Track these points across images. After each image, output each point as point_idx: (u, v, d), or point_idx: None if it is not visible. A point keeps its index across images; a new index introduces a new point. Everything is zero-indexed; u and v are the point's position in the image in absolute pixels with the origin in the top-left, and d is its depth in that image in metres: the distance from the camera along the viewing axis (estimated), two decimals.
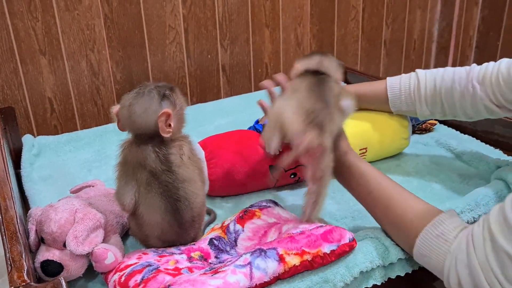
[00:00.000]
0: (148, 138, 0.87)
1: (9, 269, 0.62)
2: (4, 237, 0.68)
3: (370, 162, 1.19)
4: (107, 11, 1.70)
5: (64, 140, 1.45)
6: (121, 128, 0.91)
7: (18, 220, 0.73)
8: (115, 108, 0.90)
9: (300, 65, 0.97)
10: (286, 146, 1.09)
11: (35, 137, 1.45)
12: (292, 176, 1.15)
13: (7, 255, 0.65)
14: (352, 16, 2.25)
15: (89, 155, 1.39)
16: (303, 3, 2.09)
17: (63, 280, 0.62)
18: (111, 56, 1.76)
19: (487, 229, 0.70)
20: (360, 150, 1.17)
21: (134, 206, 0.87)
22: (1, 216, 0.72)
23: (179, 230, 0.90)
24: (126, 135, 0.93)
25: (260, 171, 1.12)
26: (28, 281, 0.62)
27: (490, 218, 0.71)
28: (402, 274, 0.89)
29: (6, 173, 0.80)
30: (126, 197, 0.86)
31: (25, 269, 0.63)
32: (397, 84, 1.16)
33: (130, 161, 0.88)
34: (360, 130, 1.18)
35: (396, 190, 0.89)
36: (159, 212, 0.86)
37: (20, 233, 0.70)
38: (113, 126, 1.53)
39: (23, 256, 0.66)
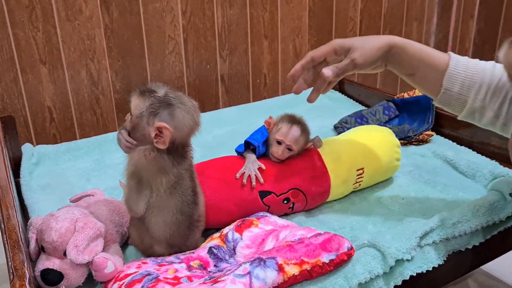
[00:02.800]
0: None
1: (11, 277, 0.62)
2: (7, 246, 0.69)
3: (366, 186, 1.19)
4: (108, 21, 1.72)
5: (63, 149, 1.46)
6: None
7: (20, 229, 0.74)
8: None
9: None
10: (269, 163, 1.07)
11: (34, 146, 1.46)
12: (285, 201, 1.07)
13: (9, 263, 0.66)
14: (349, 28, 2.28)
15: (88, 164, 1.39)
16: (301, 15, 2.12)
17: None
18: (111, 66, 1.77)
19: None
20: (357, 170, 1.14)
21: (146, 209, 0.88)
22: (4, 225, 0.72)
23: (187, 232, 0.92)
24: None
25: (248, 198, 1.04)
26: None
27: None
28: (407, 278, 0.90)
29: (8, 182, 0.81)
30: (140, 202, 0.87)
31: (27, 278, 0.64)
32: (464, 62, 1.01)
33: (147, 168, 0.87)
34: (357, 151, 1.16)
35: None
36: (173, 211, 0.88)
37: (22, 242, 0.71)
38: (112, 135, 1.55)
39: (25, 265, 0.67)
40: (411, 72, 1.04)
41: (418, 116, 1.51)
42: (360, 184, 1.16)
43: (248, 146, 1.10)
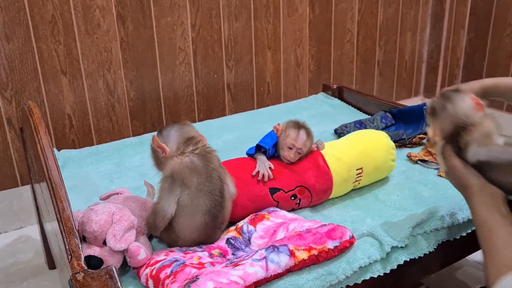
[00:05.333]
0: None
1: (70, 258, 0.74)
2: (63, 233, 0.81)
3: (366, 184, 1.31)
4: (123, 34, 1.84)
5: (86, 153, 1.58)
6: None
7: (73, 218, 0.86)
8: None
9: None
10: (277, 163, 1.21)
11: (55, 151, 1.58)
12: (293, 198, 1.20)
13: (67, 247, 0.78)
14: (347, 39, 2.42)
15: (109, 167, 1.51)
16: (302, 27, 2.25)
17: (114, 267, 0.75)
18: (126, 76, 1.90)
19: None
20: (357, 170, 1.26)
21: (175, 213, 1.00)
22: (59, 215, 0.84)
23: (211, 232, 1.04)
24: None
25: (260, 194, 1.16)
26: (85, 268, 0.74)
27: None
28: (401, 262, 1.02)
29: (61, 179, 0.92)
30: (170, 205, 0.99)
31: (82, 258, 0.76)
32: None
33: (181, 171, 1.00)
34: (356, 151, 1.29)
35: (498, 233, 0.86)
36: (202, 213, 1.00)
37: (76, 229, 0.83)
38: (129, 140, 1.67)
39: (79, 248, 0.79)
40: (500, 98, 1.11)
41: (412, 124, 1.64)
42: (359, 183, 1.29)
43: (259, 149, 1.23)
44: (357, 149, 1.29)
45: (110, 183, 1.42)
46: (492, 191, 0.90)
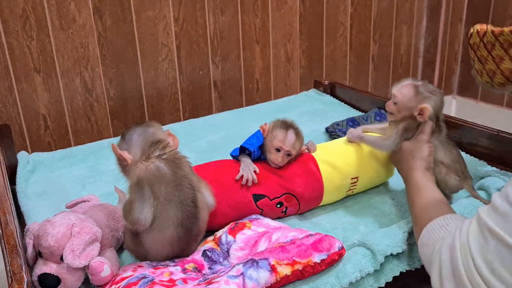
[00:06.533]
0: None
1: (10, 281, 0.64)
2: (5, 251, 0.70)
3: (360, 191, 1.20)
4: (101, 29, 1.74)
5: (58, 156, 1.47)
6: None
7: (17, 234, 0.75)
8: None
9: None
10: (263, 167, 1.09)
11: (29, 153, 1.47)
12: (278, 205, 1.09)
13: (8, 267, 0.68)
14: (340, 33, 2.31)
15: (83, 171, 1.41)
16: (292, 20, 2.15)
17: None
18: (105, 73, 1.79)
19: (476, 215, 0.72)
20: (352, 179, 1.15)
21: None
22: (2, 231, 0.74)
23: (185, 246, 0.93)
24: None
25: (242, 201, 1.06)
26: None
27: (480, 208, 0.72)
28: (397, 274, 0.92)
29: (6, 189, 0.82)
30: (145, 213, 0.88)
31: (25, 282, 0.66)
32: None
33: (147, 178, 0.90)
34: (353, 160, 1.16)
35: (435, 197, 0.95)
36: (174, 226, 0.89)
37: (20, 247, 0.72)
38: (107, 142, 1.56)
39: (23, 269, 0.68)
40: None
41: None
42: (352, 192, 1.18)
43: (243, 150, 1.12)
44: (354, 156, 1.16)
45: (82, 188, 1.32)
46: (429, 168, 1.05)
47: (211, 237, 1.01)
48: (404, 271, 0.93)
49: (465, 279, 0.68)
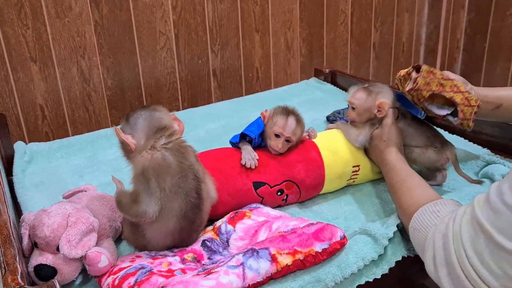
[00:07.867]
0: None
1: (3, 272, 0.62)
2: None
3: (360, 182, 1.19)
4: (98, 17, 1.71)
5: (56, 146, 1.45)
6: None
7: (11, 225, 0.73)
8: None
9: None
10: (263, 154, 1.07)
11: (26, 144, 1.45)
12: (279, 193, 1.08)
13: (1, 258, 0.66)
14: (341, 20, 2.28)
15: (80, 161, 1.39)
16: (292, 8, 2.11)
17: (57, 283, 0.63)
18: (102, 63, 1.76)
19: (471, 205, 0.74)
20: (353, 167, 1.13)
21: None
22: None
23: (186, 237, 0.92)
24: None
25: (242, 188, 1.04)
26: (22, 283, 0.62)
27: (476, 198, 0.74)
28: (399, 258, 0.91)
29: (0, 179, 0.80)
30: (152, 206, 0.85)
31: (19, 272, 0.64)
32: None
33: (152, 168, 0.87)
34: (354, 148, 1.14)
35: (414, 178, 0.98)
36: (177, 217, 0.87)
37: (13, 237, 0.71)
38: (104, 132, 1.54)
39: (17, 259, 0.66)
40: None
41: (410, 109, 1.51)
42: (354, 181, 1.16)
43: (244, 137, 1.10)
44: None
45: (80, 179, 1.30)
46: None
47: (211, 227, 0.99)
48: (406, 256, 0.92)
49: (457, 267, 0.71)
